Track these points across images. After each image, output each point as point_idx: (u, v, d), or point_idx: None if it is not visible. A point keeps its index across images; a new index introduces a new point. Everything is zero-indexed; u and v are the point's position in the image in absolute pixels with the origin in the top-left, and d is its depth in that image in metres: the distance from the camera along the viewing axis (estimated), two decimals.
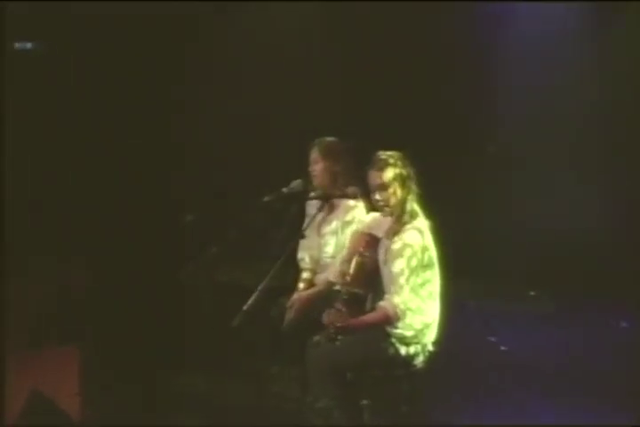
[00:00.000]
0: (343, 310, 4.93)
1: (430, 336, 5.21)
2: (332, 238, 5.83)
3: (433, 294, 5.18)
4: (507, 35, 7.33)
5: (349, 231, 5.73)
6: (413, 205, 5.16)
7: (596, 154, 7.53)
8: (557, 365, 6.53)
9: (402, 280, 5.03)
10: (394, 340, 5.13)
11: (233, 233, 5.59)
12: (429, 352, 5.23)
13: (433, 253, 5.15)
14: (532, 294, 7.64)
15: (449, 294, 5.26)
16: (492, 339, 7.01)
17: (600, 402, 5.90)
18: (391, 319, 5.04)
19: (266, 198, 5.62)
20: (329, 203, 5.76)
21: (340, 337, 4.92)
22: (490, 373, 6.46)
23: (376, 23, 7.39)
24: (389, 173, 5.11)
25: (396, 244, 5.08)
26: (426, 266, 5.11)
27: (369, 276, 5.24)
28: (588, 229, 7.46)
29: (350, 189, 5.41)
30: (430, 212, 5.21)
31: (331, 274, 5.75)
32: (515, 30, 7.34)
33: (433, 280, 5.18)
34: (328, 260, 5.87)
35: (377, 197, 5.16)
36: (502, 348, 6.90)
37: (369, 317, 5.08)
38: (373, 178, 5.15)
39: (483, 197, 7.52)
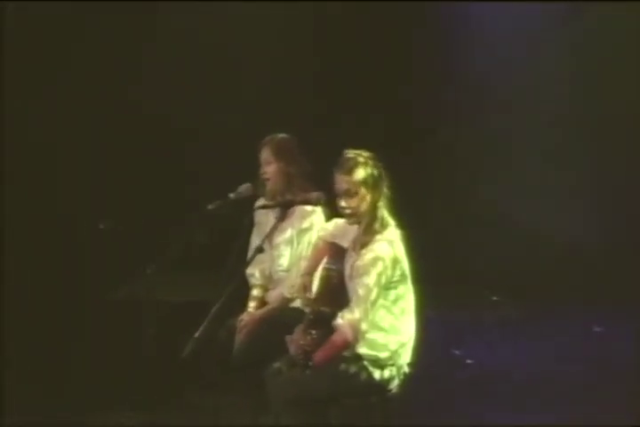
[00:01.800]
0: (313, 332, 4.57)
1: (406, 357, 4.92)
2: (287, 249, 5.50)
3: (406, 310, 4.88)
4: (473, 34, 7.38)
5: (307, 240, 5.43)
6: (384, 212, 4.83)
7: (565, 154, 7.50)
8: (530, 375, 6.39)
9: (368, 299, 4.68)
10: (366, 363, 4.82)
11: (174, 247, 5.20)
12: (405, 375, 4.94)
13: (405, 265, 4.84)
14: (495, 299, 7.46)
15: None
16: (456, 352, 6.79)
17: (576, 411, 5.79)
18: (350, 344, 4.70)
19: (210, 206, 5.28)
20: (273, 208, 5.41)
21: (311, 363, 4.56)
22: (456, 389, 6.26)
23: (340, 23, 7.34)
24: (359, 176, 4.75)
25: (365, 257, 4.74)
26: (398, 281, 4.79)
27: (335, 292, 4.89)
28: (556, 229, 7.39)
29: (314, 195, 5.04)
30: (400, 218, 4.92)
31: (286, 289, 5.44)
32: (481, 30, 7.38)
33: (406, 296, 4.87)
34: (282, 274, 5.54)
35: (343, 203, 4.80)
36: (468, 361, 6.70)
37: (328, 348, 4.68)
38: (340, 182, 4.78)
39: (442, 196, 7.35)
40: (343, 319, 4.68)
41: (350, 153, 4.82)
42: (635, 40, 7.29)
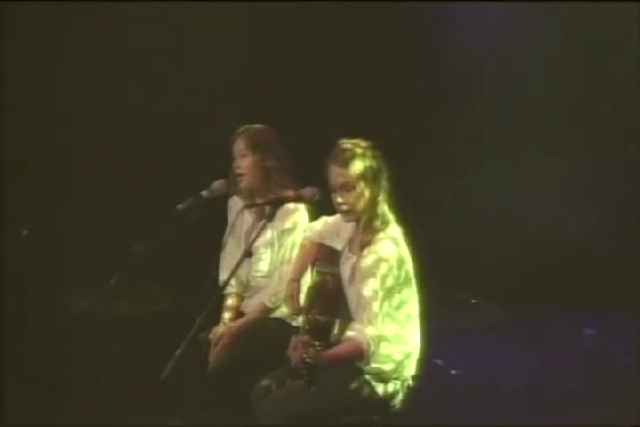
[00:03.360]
0: (316, 344, 4.29)
1: (411, 369, 4.72)
2: (267, 252, 5.22)
3: (411, 316, 4.67)
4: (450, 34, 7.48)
5: (290, 242, 5.17)
6: (384, 207, 4.60)
7: (546, 155, 7.58)
8: (521, 383, 6.27)
9: (375, 305, 4.46)
10: (368, 377, 4.60)
11: (141, 253, 4.89)
12: (409, 389, 4.72)
13: (410, 266, 4.63)
14: (474, 302, 7.30)
15: None
16: (438, 361, 6.58)
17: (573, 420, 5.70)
18: (364, 355, 4.47)
19: (180, 206, 4.98)
20: (259, 206, 5.14)
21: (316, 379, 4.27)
22: (444, 405, 6.03)
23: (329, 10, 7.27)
24: (357, 168, 4.51)
25: (368, 258, 4.50)
26: (403, 283, 4.58)
27: (331, 298, 4.64)
28: (542, 229, 7.41)
29: (308, 190, 4.74)
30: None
31: (267, 298, 5.18)
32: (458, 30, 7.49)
33: (410, 300, 4.66)
34: (261, 280, 5.28)
35: (339, 199, 4.54)
36: (452, 371, 6.52)
37: (339, 351, 4.45)
38: (336, 175, 4.53)
39: (419, 192, 7.23)
40: (356, 332, 4.44)
41: (346, 143, 4.58)
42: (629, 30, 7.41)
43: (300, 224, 5.14)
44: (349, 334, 4.47)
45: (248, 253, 4.62)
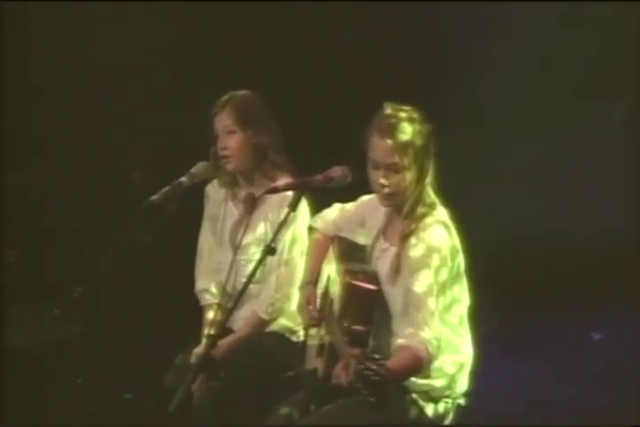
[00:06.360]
0: (377, 356, 3.80)
1: (463, 383, 4.32)
2: (258, 252, 4.59)
3: (463, 318, 4.31)
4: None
5: (289, 238, 4.73)
6: (429, 190, 4.23)
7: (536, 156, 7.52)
8: (528, 399, 6.12)
9: (431, 302, 4.08)
10: (416, 396, 4.21)
11: (107, 259, 4.33)
12: (459, 408, 4.34)
13: (461, 257, 4.27)
14: None
15: None
16: None
17: None
18: (423, 365, 4.04)
19: (155, 197, 4.52)
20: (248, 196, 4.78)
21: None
22: None
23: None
24: (413, 144, 4.12)
25: (418, 248, 4.13)
26: (455, 278, 4.22)
27: (367, 303, 4.22)
28: (539, 223, 7.34)
29: (337, 170, 4.18)
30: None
31: (263, 308, 4.75)
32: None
33: (462, 298, 4.29)
34: (252, 287, 4.70)
35: (383, 180, 4.12)
36: None
37: (399, 364, 3.96)
38: (383, 150, 4.10)
39: None
40: (409, 338, 4.04)
41: (398, 110, 4.18)
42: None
43: (300, 215, 4.70)
44: (402, 342, 4.05)
45: (271, 250, 4.05)
